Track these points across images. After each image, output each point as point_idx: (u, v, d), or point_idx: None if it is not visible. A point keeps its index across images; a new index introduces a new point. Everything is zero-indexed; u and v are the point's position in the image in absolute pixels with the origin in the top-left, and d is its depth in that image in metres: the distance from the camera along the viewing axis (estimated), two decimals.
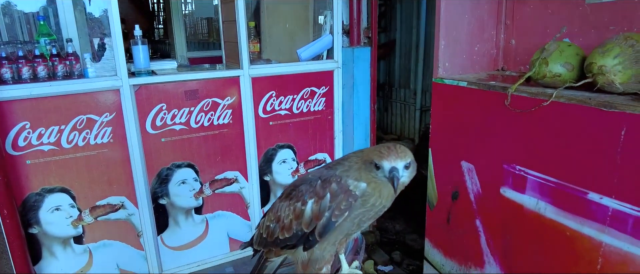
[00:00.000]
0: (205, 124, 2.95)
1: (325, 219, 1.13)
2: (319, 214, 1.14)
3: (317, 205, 1.14)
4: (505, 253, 2.12)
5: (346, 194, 1.12)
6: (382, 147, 1.10)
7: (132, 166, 2.79)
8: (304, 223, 1.17)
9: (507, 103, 1.91)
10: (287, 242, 1.22)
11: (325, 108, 3.36)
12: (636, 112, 1.52)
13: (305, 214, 1.16)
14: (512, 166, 2.00)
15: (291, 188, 1.26)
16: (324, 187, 1.14)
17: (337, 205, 1.12)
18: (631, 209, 1.60)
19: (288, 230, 1.20)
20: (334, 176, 1.15)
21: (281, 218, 1.22)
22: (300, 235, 1.18)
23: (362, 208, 1.14)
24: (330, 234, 1.17)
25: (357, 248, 1.50)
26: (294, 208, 1.19)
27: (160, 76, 2.80)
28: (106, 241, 2.83)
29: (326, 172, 1.18)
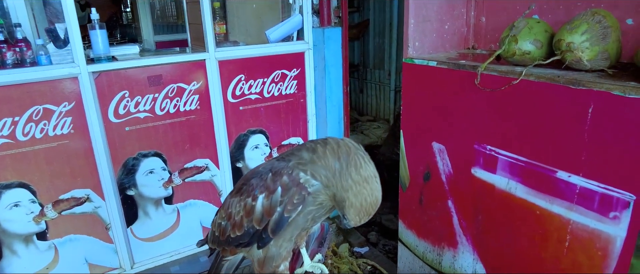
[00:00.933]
0: (171, 111, 2.84)
1: (277, 215, 1.06)
2: (270, 209, 1.06)
3: (268, 200, 1.06)
4: (478, 232, 2.12)
5: (299, 187, 1.04)
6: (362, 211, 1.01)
7: (96, 157, 2.67)
8: (255, 220, 1.09)
9: (477, 82, 1.88)
10: (240, 240, 1.15)
11: (297, 91, 3.29)
12: (603, 89, 1.50)
13: (256, 211, 1.09)
14: (482, 146, 1.98)
15: (242, 182, 1.18)
16: (275, 181, 1.06)
17: (290, 199, 1.04)
18: (598, 186, 1.60)
19: (239, 228, 1.13)
20: (286, 167, 1.07)
21: (232, 215, 1.15)
22: (252, 233, 1.11)
23: (313, 206, 1.07)
24: (284, 231, 1.10)
25: (321, 239, 1.43)
26: (245, 204, 1.11)
27: (121, 62, 2.67)
28: (72, 236, 2.73)
29: (277, 164, 1.10)
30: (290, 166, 1.07)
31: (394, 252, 3.41)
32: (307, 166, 1.05)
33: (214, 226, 1.27)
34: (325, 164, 1.02)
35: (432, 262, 2.45)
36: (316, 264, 1.33)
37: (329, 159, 1.02)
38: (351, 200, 0.99)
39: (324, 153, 1.04)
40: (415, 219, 2.51)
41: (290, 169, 1.06)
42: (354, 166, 0.99)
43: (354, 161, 1.00)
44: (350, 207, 1.00)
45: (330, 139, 1.08)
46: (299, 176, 1.04)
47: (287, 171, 1.06)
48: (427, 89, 2.22)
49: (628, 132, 1.47)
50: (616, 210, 1.57)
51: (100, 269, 2.87)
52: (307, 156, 1.06)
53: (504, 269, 2.04)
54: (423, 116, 2.28)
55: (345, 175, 0.99)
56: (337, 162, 1.02)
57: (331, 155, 1.03)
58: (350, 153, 1.02)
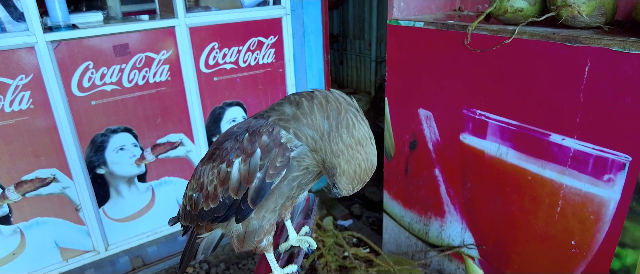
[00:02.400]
0: (140, 83, 2.65)
1: (257, 181, 0.91)
2: (248, 176, 0.91)
3: (245, 165, 0.91)
4: (466, 201, 2.06)
5: (282, 147, 0.89)
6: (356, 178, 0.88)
7: (61, 133, 2.48)
8: (232, 189, 0.94)
9: (466, 43, 1.77)
10: (215, 214, 1.01)
11: (275, 60, 3.12)
12: (601, 46, 1.42)
13: (232, 178, 0.94)
14: (472, 111, 1.89)
15: (215, 146, 1.03)
16: (253, 141, 0.91)
17: (271, 163, 0.89)
18: (592, 148, 1.54)
19: (213, 199, 0.99)
20: (265, 125, 0.91)
21: (204, 185, 1.00)
22: (229, 204, 0.97)
23: (298, 171, 0.93)
24: (266, 200, 0.97)
25: (307, 210, 1.31)
26: (218, 171, 0.96)
27: (83, 30, 2.44)
28: (39, 219, 2.56)
29: (255, 122, 0.94)
30: (270, 122, 0.91)
31: (378, 224, 3.36)
32: (290, 123, 0.90)
33: (185, 200, 1.13)
34: (312, 122, 0.88)
35: (419, 232, 2.39)
36: (303, 237, 1.21)
37: (316, 117, 0.88)
38: (343, 167, 0.86)
39: (310, 109, 0.88)
40: (401, 189, 2.43)
41: (270, 127, 0.90)
42: (346, 126, 0.86)
43: (346, 120, 0.86)
44: (342, 174, 0.87)
45: (317, 91, 0.93)
46: (280, 135, 0.90)
47: (267, 128, 0.90)
48: (413, 52, 2.10)
49: (626, 90, 1.40)
50: (611, 172, 1.51)
51: (72, 253, 2.72)
52: (290, 111, 0.91)
53: (493, 237, 1.99)
54: (409, 81, 2.18)
55: (335, 137, 0.85)
56: (326, 122, 0.87)
57: (319, 112, 0.88)
58: (340, 110, 0.87)
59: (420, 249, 2.39)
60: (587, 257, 1.65)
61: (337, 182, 0.89)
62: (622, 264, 1.55)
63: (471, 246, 2.08)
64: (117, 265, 2.86)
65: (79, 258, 2.75)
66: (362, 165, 0.86)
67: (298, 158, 0.91)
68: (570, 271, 1.71)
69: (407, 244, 2.49)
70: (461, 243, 2.13)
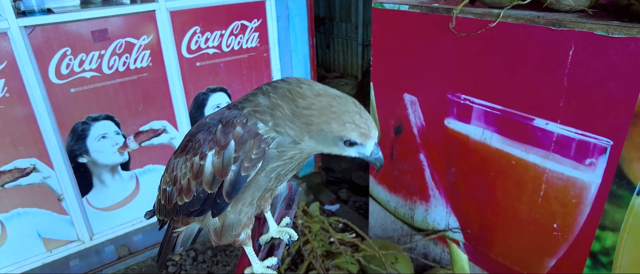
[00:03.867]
0: (121, 69, 2.58)
1: (232, 174, 0.88)
2: (222, 169, 0.89)
3: (219, 157, 0.89)
4: (451, 185, 2.07)
5: (257, 139, 0.86)
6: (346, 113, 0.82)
7: (39, 122, 2.42)
8: (206, 182, 0.92)
9: (451, 26, 1.75)
10: (190, 208, 0.98)
11: (259, 44, 3.07)
12: (585, 30, 1.41)
13: (205, 171, 0.91)
14: (456, 96, 1.88)
15: (187, 138, 0.99)
16: (226, 133, 0.88)
17: (246, 155, 0.86)
18: (575, 133, 1.54)
19: (187, 193, 0.96)
20: (239, 116, 0.88)
21: (178, 179, 0.98)
22: (203, 198, 0.94)
23: (279, 161, 0.91)
24: (242, 193, 0.94)
25: (289, 199, 1.29)
26: (191, 164, 0.93)
27: (59, 15, 2.36)
28: (20, 210, 2.51)
29: (228, 112, 0.91)
30: (244, 113, 0.88)
31: (364, 208, 3.38)
32: (266, 115, 0.87)
33: (159, 194, 1.11)
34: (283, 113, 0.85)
35: (404, 216, 2.40)
36: (284, 229, 1.19)
37: (282, 107, 0.85)
38: (321, 119, 0.82)
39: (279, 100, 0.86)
40: (386, 174, 2.44)
41: (244, 118, 0.87)
42: (300, 96, 0.83)
43: (296, 91, 0.84)
44: (338, 129, 0.82)
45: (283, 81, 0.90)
46: (258, 127, 0.87)
47: (241, 119, 0.87)
48: (398, 36, 2.07)
49: (609, 74, 1.40)
50: (592, 156, 1.53)
51: (56, 243, 2.69)
52: (266, 102, 0.87)
53: (478, 221, 2.01)
54: (394, 66, 2.15)
55: (299, 112, 0.83)
56: (287, 105, 0.85)
57: (282, 100, 0.85)
58: (290, 89, 0.85)
59: (405, 233, 2.40)
60: (569, 239, 1.68)
61: (349, 137, 0.83)
62: (602, 246, 1.58)
63: (456, 230, 2.10)
64: (102, 254, 2.84)
65: (63, 248, 2.71)
66: (342, 107, 0.82)
67: (279, 149, 0.88)
68: (552, 253, 1.74)
69: (392, 228, 2.50)
70: (446, 227, 2.15)
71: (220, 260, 2.84)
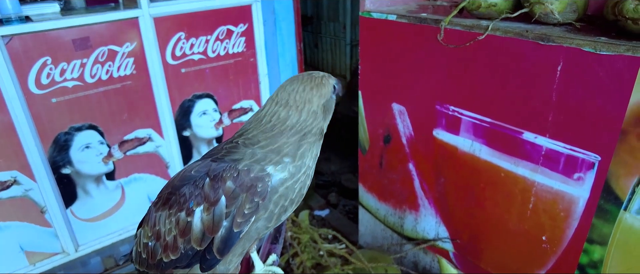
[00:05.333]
0: (104, 78, 2.52)
1: (224, 231, 0.84)
2: (213, 226, 0.85)
3: (208, 214, 0.84)
4: (440, 196, 2.06)
5: (250, 192, 0.83)
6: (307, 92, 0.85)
7: (20, 134, 2.35)
8: (194, 240, 0.87)
9: (440, 38, 1.73)
10: (177, 264, 0.94)
11: (245, 49, 3.02)
12: (573, 45, 1.40)
13: (193, 229, 0.86)
14: (445, 107, 1.87)
15: (169, 190, 0.94)
16: (215, 188, 0.83)
17: (239, 210, 0.83)
18: (564, 147, 1.54)
19: (173, 250, 0.91)
20: (228, 168, 0.84)
21: (161, 234, 0.92)
22: (192, 255, 0.90)
23: (276, 208, 0.88)
24: (234, 247, 0.90)
25: (276, 233, 1.26)
26: (177, 220, 0.88)
27: (37, 23, 2.29)
28: (1, 224, 2.45)
29: (215, 165, 0.87)
30: (235, 166, 0.84)
31: (354, 212, 3.37)
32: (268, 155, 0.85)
33: (138, 246, 1.05)
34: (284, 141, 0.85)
35: (394, 225, 2.39)
36: (270, 267, 1.14)
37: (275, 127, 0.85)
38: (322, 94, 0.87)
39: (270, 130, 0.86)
40: (376, 182, 2.42)
41: (234, 170, 0.83)
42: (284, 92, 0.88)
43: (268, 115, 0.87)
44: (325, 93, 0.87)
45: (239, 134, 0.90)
46: (257, 174, 0.84)
47: (231, 172, 0.83)
48: (386, 45, 2.05)
49: (597, 90, 1.39)
50: (581, 171, 1.52)
51: (40, 256, 2.63)
52: (254, 151, 0.86)
53: (467, 232, 2.00)
54: (382, 75, 2.13)
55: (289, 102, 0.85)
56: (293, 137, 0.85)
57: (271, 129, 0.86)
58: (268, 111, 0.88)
59: (396, 241, 2.39)
60: (557, 252, 1.68)
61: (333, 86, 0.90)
62: (590, 259, 1.59)
63: (445, 240, 2.10)
64: (88, 266, 2.79)
65: (48, 261, 2.65)
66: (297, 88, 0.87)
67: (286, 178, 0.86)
68: (541, 265, 1.74)
69: (382, 237, 2.50)
70: (436, 236, 2.14)
71: None
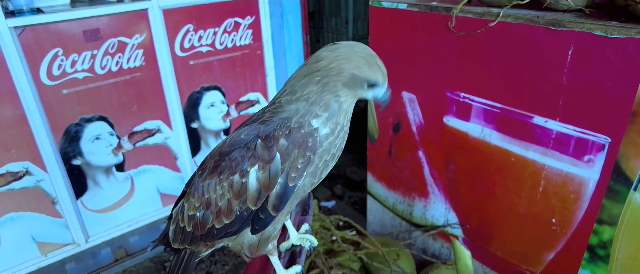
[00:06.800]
0: (114, 69, 2.54)
1: (279, 187, 0.89)
2: (269, 183, 0.89)
3: (264, 172, 0.88)
4: (450, 181, 2.10)
5: (302, 147, 0.87)
6: (356, 57, 0.88)
7: (31, 125, 2.37)
8: (250, 199, 0.91)
9: (451, 26, 1.76)
10: (229, 229, 0.96)
11: (253, 42, 3.04)
12: (584, 30, 1.43)
13: (249, 188, 0.90)
14: (456, 94, 1.90)
15: (216, 159, 0.96)
16: (269, 147, 0.87)
17: (292, 165, 0.87)
18: (574, 130, 1.58)
19: (228, 214, 0.94)
20: (278, 127, 0.88)
21: (212, 201, 0.94)
22: (246, 216, 0.93)
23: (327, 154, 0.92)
24: (288, 203, 0.94)
25: (304, 205, 1.29)
26: (231, 184, 0.91)
27: (49, 15, 2.31)
28: (14, 214, 2.47)
29: (265, 127, 0.90)
30: (286, 124, 0.88)
31: (360, 203, 3.41)
32: (313, 107, 0.89)
33: (181, 222, 1.04)
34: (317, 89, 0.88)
35: (403, 213, 2.43)
36: (304, 236, 1.18)
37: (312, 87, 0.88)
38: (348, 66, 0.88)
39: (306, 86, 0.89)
40: (385, 171, 2.45)
41: (286, 128, 0.87)
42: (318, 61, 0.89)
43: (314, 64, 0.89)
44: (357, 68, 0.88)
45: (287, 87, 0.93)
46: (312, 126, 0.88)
47: (283, 131, 0.87)
48: (395, 34, 2.08)
49: (608, 73, 1.43)
50: (591, 153, 1.56)
51: (51, 247, 2.65)
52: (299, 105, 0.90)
53: (477, 217, 2.04)
54: (392, 64, 2.15)
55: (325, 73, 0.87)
56: (313, 81, 0.89)
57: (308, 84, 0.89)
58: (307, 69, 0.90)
59: (404, 229, 2.43)
60: (567, 234, 1.72)
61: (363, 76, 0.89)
62: (599, 240, 1.62)
63: (455, 226, 2.14)
64: (98, 257, 2.81)
65: (59, 251, 2.68)
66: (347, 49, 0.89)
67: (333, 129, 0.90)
68: (551, 247, 1.78)
69: (391, 225, 2.53)
70: (445, 223, 2.18)
71: (219, 260, 2.84)
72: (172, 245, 1.06)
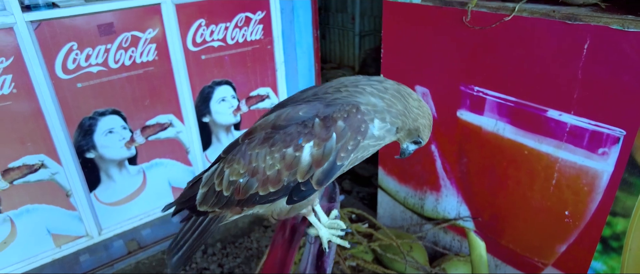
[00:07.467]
0: (127, 63, 2.56)
1: (328, 164, 0.97)
2: (321, 159, 0.96)
3: (319, 149, 0.96)
4: (462, 175, 2.12)
5: (355, 131, 0.95)
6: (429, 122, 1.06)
7: (47, 118, 2.40)
8: (301, 172, 0.98)
9: (466, 20, 1.78)
10: (271, 197, 1.03)
11: (263, 37, 3.06)
12: (601, 24, 1.45)
13: (302, 162, 0.97)
14: (469, 88, 1.92)
15: (267, 130, 1.02)
16: (327, 127, 0.95)
17: (343, 146, 0.96)
18: (588, 123, 1.60)
19: (275, 184, 1.00)
20: (339, 111, 0.96)
21: (260, 170, 1.00)
22: (292, 187, 1.00)
23: (369, 148, 1.03)
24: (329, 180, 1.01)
25: (332, 193, 1.34)
26: (283, 156, 0.98)
27: (64, 9, 2.33)
28: (29, 206, 2.50)
29: (324, 109, 0.98)
30: (349, 109, 0.96)
31: (368, 198, 3.43)
32: (385, 113, 0.99)
33: (217, 186, 1.08)
34: (397, 110, 1.00)
35: (414, 206, 2.46)
36: (334, 221, 1.24)
37: (396, 104, 1.00)
38: (423, 123, 1.04)
39: (393, 99, 1.00)
40: (396, 165, 2.48)
41: (344, 112, 0.96)
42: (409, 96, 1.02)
43: (405, 92, 1.02)
44: (424, 128, 1.05)
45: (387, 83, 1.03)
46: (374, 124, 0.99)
47: (341, 114, 0.95)
48: (409, 28, 2.10)
49: (624, 67, 1.44)
50: (605, 146, 1.58)
51: (65, 239, 2.68)
52: (379, 103, 0.99)
53: (489, 210, 2.06)
54: (405, 58, 2.18)
55: (410, 109, 1.01)
56: (400, 103, 1.00)
57: (397, 100, 1.00)
58: (399, 89, 1.02)
59: (415, 222, 2.46)
60: (580, 226, 1.74)
61: (421, 135, 1.06)
62: (613, 231, 1.65)
63: (467, 218, 2.16)
64: (111, 249, 2.84)
65: (72, 243, 2.71)
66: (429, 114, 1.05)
67: (379, 137, 1.01)
68: (563, 239, 1.81)
69: (402, 218, 2.56)
70: (457, 216, 2.20)
71: (230, 252, 2.87)
72: (199, 208, 1.11)
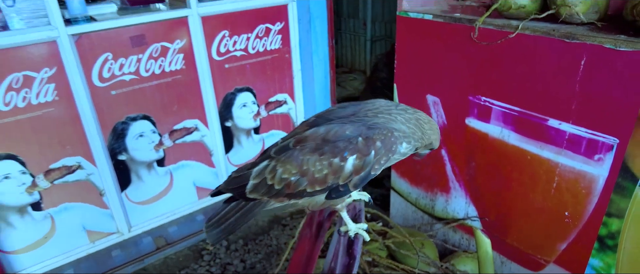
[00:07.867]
0: (157, 72, 2.76)
1: (364, 173, 1.20)
2: (361, 169, 1.19)
3: (360, 161, 1.19)
4: (470, 178, 2.28)
5: (388, 150, 1.20)
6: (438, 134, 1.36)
7: (84, 123, 2.60)
8: (343, 177, 1.20)
9: (474, 36, 1.95)
10: (314, 194, 1.25)
11: (282, 46, 3.25)
12: (595, 43, 1.61)
13: (345, 170, 1.19)
14: (477, 98, 2.09)
15: (317, 142, 1.23)
16: (368, 145, 1.18)
17: (377, 160, 1.20)
18: (586, 132, 1.75)
19: (321, 184, 1.22)
20: (378, 134, 1.20)
21: (310, 172, 1.22)
22: (333, 187, 1.23)
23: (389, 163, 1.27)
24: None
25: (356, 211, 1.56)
26: (330, 163, 1.20)
27: (101, 23, 2.53)
28: (67, 204, 2.71)
29: (367, 131, 1.21)
30: (386, 132, 1.21)
31: (379, 199, 3.59)
32: (410, 138, 1.26)
33: (269, 180, 1.27)
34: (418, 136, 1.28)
35: (425, 207, 2.62)
36: (361, 193, 1.57)
37: (417, 132, 1.28)
38: (434, 137, 1.35)
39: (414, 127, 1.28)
40: (409, 168, 2.64)
41: (382, 136, 1.20)
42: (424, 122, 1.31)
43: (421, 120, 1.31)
44: (435, 141, 1.36)
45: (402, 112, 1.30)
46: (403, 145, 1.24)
47: (380, 137, 1.20)
48: (421, 42, 2.27)
49: (616, 82, 1.60)
50: (601, 153, 1.73)
51: (98, 235, 2.89)
52: (407, 130, 1.26)
53: (495, 210, 2.22)
54: (417, 69, 2.35)
55: (425, 132, 1.31)
56: (419, 130, 1.29)
57: (415, 127, 1.28)
58: (417, 118, 1.30)
59: (426, 222, 2.62)
60: (579, 225, 1.89)
61: (433, 145, 1.38)
62: (608, 231, 1.80)
63: (474, 218, 2.32)
64: (140, 245, 3.04)
65: (105, 239, 2.91)
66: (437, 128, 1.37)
67: (403, 154, 1.28)
68: (563, 238, 1.96)
69: (413, 218, 2.72)
70: (465, 216, 2.36)
71: (252, 249, 3.06)
72: (248, 195, 1.30)
